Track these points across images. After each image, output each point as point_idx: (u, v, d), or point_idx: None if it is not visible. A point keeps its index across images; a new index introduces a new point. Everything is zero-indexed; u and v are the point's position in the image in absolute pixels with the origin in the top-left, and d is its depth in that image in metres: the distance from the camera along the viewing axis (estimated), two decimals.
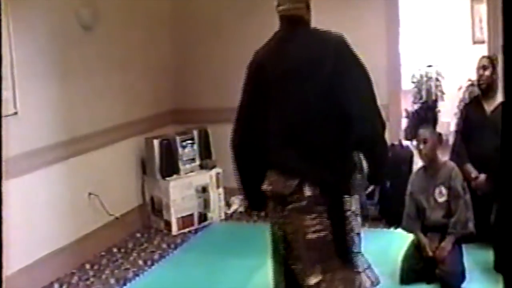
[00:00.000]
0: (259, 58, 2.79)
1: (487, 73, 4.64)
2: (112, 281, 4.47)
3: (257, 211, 3.14)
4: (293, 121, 2.63)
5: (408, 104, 7.90)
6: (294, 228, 2.67)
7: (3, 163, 1.28)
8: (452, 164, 4.19)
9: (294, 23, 2.70)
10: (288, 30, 2.71)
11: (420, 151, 4.10)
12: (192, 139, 5.60)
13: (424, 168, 4.22)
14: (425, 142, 4.05)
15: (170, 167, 5.44)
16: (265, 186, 2.74)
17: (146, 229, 5.53)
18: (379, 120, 2.68)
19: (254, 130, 2.78)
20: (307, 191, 2.61)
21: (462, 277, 3.94)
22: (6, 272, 1.22)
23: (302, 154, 2.61)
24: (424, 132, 4.07)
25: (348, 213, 2.75)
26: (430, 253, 4.00)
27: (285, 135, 2.65)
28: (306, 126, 2.61)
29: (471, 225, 4.02)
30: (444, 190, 4.06)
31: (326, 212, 2.62)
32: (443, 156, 4.44)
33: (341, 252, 2.69)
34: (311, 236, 2.63)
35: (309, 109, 2.59)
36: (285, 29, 2.73)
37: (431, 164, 4.14)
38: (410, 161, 5.38)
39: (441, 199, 4.08)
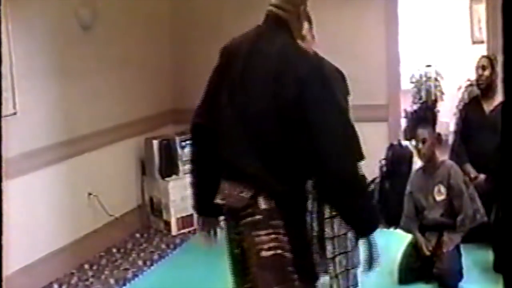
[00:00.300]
0: (231, 46, 2.55)
1: (486, 73, 4.65)
2: (112, 281, 4.47)
3: (203, 216, 2.75)
4: (251, 126, 2.36)
5: (407, 104, 7.90)
6: (248, 246, 2.39)
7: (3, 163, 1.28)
8: (450, 162, 4.20)
9: (277, 24, 2.44)
10: (269, 29, 2.46)
11: (419, 150, 4.11)
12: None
13: (423, 167, 4.23)
14: (423, 141, 4.06)
15: (169, 168, 5.44)
16: (218, 200, 2.48)
17: (145, 230, 5.53)
18: (350, 160, 2.38)
19: (214, 117, 2.50)
20: (262, 204, 2.34)
21: (459, 276, 3.95)
22: (5, 272, 1.22)
23: (257, 162, 2.34)
24: (423, 131, 4.08)
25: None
26: (428, 253, 4.01)
27: (241, 138, 2.39)
28: (264, 134, 2.34)
29: (479, 216, 4.03)
30: (443, 189, 4.07)
31: (284, 228, 2.34)
32: (442, 156, 4.44)
33: (302, 275, 2.39)
34: (265, 253, 2.34)
35: (267, 118, 2.32)
36: (266, 27, 2.48)
37: (429, 163, 4.15)
38: (410, 161, 5.38)
39: (439, 198, 4.08)
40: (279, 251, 2.34)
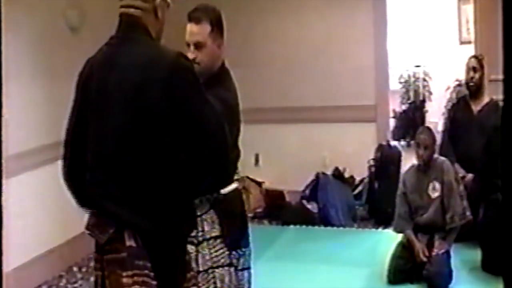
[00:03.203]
0: (86, 66, 2.32)
1: (477, 75, 4.66)
2: None
3: None
4: (110, 152, 2.06)
5: (396, 105, 7.95)
6: (111, 287, 2.08)
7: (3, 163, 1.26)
8: (442, 159, 4.20)
9: (131, 27, 2.18)
10: (122, 36, 2.22)
11: (420, 155, 4.08)
12: None
13: (416, 166, 4.21)
14: (426, 147, 4.05)
15: None
16: (85, 229, 2.22)
17: None
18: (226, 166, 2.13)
19: (80, 158, 2.18)
20: (127, 241, 2.03)
21: (449, 278, 3.95)
22: None
23: (121, 193, 2.05)
24: (425, 138, 4.08)
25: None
26: (424, 259, 3.97)
27: (102, 168, 2.09)
28: (126, 160, 2.03)
29: (468, 213, 4.04)
30: (437, 185, 4.06)
31: (152, 270, 2.04)
32: None
33: None
34: None
35: (130, 139, 2.03)
36: (119, 34, 2.23)
37: (426, 163, 4.13)
38: (398, 161, 5.39)
39: (434, 195, 4.07)
40: None
